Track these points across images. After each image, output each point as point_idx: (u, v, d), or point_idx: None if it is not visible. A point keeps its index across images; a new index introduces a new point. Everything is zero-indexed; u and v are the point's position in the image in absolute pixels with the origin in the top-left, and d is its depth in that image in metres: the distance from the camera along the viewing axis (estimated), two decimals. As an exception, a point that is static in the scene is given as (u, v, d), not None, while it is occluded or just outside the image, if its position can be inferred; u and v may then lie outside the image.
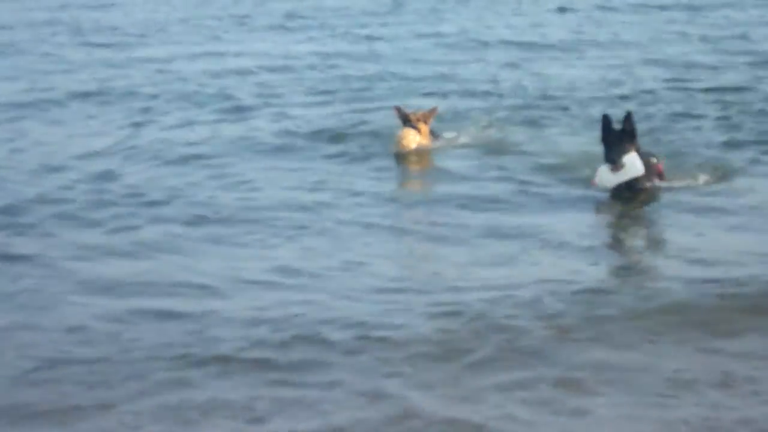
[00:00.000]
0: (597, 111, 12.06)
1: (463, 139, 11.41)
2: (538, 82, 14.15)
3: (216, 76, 15.31)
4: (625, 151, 9.02)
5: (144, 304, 7.32)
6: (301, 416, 5.77)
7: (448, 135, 11.48)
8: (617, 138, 9.06)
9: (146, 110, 13.41)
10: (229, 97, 13.91)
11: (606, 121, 9.15)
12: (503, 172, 10.17)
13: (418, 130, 11.04)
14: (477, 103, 13.13)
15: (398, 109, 11.25)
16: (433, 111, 11.27)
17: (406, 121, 11.12)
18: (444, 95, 13.54)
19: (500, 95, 13.48)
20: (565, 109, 12.56)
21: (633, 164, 9.05)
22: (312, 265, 7.93)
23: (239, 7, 21.84)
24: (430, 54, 16.46)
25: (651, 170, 9.27)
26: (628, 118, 9.10)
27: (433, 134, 11.29)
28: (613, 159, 9.02)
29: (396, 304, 7.14)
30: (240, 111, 13.22)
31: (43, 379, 6.28)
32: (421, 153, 11.00)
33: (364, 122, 12.25)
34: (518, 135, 11.39)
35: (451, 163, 10.70)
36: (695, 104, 12.48)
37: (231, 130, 12.28)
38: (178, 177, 10.43)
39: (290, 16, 20.56)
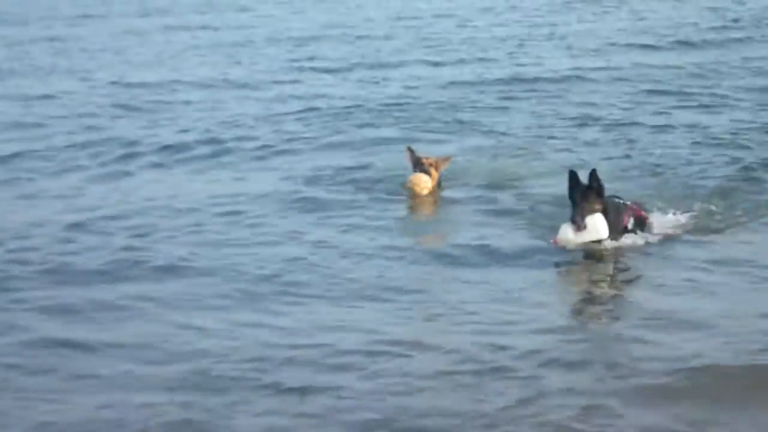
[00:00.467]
0: (607, 151, 12.17)
1: (471, 183, 11.21)
2: (544, 119, 14.10)
3: (221, 123, 15.04)
4: (590, 211, 8.83)
5: (142, 366, 7.12)
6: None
7: (454, 183, 11.21)
8: (583, 195, 8.86)
9: (138, 156, 13.21)
10: (229, 146, 13.61)
11: (572, 177, 8.96)
12: (512, 218, 10.00)
13: (430, 176, 10.82)
14: (485, 141, 13.05)
15: (411, 152, 11.02)
16: (447, 159, 11.08)
17: (418, 164, 10.89)
18: (450, 134, 13.46)
19: (509, 134, 13.38)
20: (568, 150, 12.39)
21: (596, 228, 8.84)
22: (307, 326, 7.70)
23: (246, 53, 21.80)
24: (438, 95, 16.27)
25: (620, 224, 9.01)
26: (593, 175, 8.89)
27: (440, 183, 11.02)
28: (575, 219, 8.82)
29: (398, 361, 7.02)
30: (242, 161, 12.94)
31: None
32: (429, 200, 10.75)
33: (368, 166, 12.08)
34: (527, 178, 11.25)
35: (455, 211, 10.53)
36: (702, 145, 12.32)
37: (231, 180, 12.03)
38: (171, 230, 10.06)
39: (296, 60, 20.52)
